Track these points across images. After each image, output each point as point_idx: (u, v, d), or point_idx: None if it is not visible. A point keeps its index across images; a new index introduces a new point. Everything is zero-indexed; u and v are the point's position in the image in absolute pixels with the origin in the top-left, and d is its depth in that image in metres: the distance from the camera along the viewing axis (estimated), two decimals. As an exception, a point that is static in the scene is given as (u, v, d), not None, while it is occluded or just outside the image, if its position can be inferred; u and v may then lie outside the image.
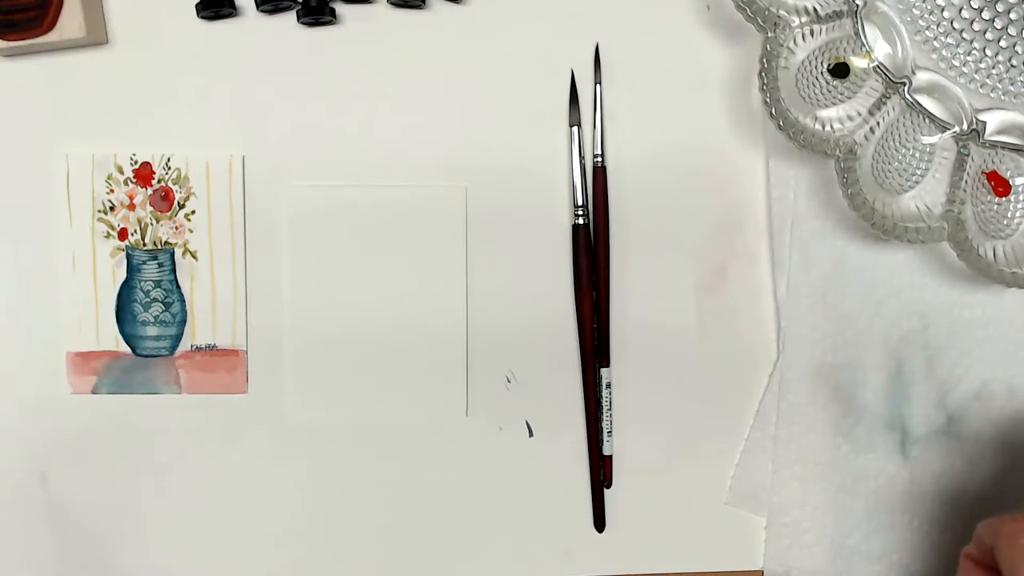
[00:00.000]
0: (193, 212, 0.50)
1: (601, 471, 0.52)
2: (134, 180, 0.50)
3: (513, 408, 0.52)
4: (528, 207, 0.51)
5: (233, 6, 0.49)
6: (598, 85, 0.50)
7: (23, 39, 0.47)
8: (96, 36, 0.48)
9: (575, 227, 0.50)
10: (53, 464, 0.51)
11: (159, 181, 0.50)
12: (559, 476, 0.52)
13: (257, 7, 0.49)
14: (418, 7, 0.50)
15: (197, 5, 0.49)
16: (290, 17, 0.49)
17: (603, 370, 0.51)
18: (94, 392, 0.51)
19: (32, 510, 0.51)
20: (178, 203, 0.50)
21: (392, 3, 0.49)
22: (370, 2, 0.50)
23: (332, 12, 0.49)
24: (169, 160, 0.50)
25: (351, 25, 0.50)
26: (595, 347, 0.51)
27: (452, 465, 0.52)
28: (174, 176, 0.50)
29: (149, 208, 0.50)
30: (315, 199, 0.50)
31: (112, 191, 0.50)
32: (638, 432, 0.52)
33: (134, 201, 0.50)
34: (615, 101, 0.51)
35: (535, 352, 0.51)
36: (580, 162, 0.50)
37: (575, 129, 0.50)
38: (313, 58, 0.50)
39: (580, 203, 0.50)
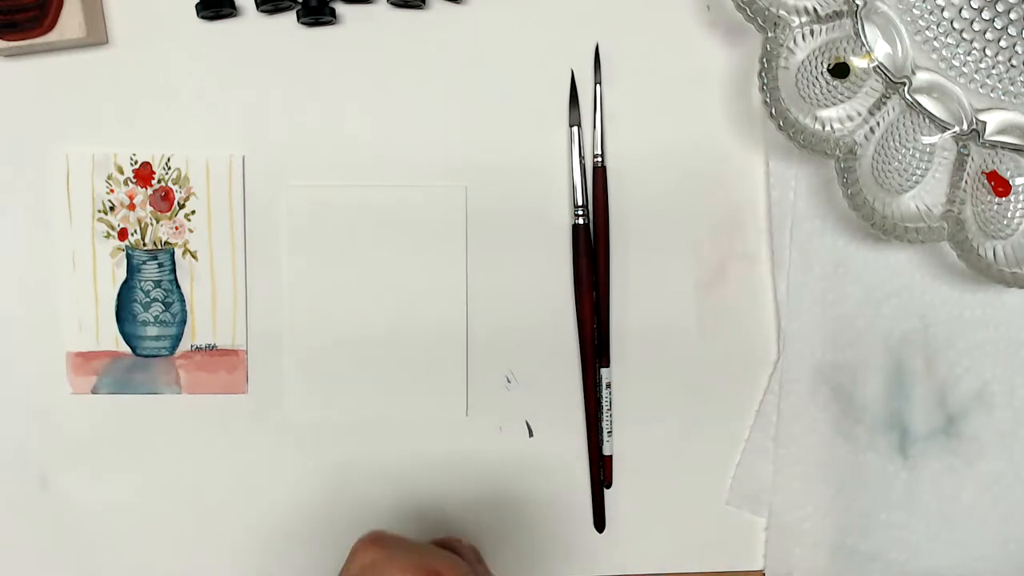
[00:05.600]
0: (193, 212, 0.50)
1: (601, 471, 0.52)
2: (134, 180, 0.50)
3: (513, 408, 0.52)
4: (528, 207, 0.51)
5: (233, 6, 0.49)
6: (598, 85, 0.50)
7: (23, 39, 0.47)
8: (96, 36, 0.48)
9: (575, 227, 0.50)
10: (53, 464, 0.51)
11: (159, 181, 0.50)
12: (559, 476, 0.52)
13: (257, 7, 0.49)
14: (418, 7, 0.50)
15: (197, 5, 0.49)
16: (290, 17, 0.49)
17: (603, 370, 0.51)
18: (94, 392, 0.51)
19: (32, 510, 0.51)
20: (178, 203, 0.50)
21: (392, 3, 0.49)
22: (370, 2, 0.50)
23: (332, 12, 0.49)
24: (169, 160, 0.50)
25: (351, 25, 0.50)
26: (595, 347, 0.51)
27: (452, 465, 0.52)
28: (174, 176, 0.50)
29: (149, 208, 0.50)
30: (315, 199, 0.50)
31: (112, 191, 0.50)
32: (638, 432, 0.52)
33: (134, 201, 0.50)
34: (615, 101, 0.51)
35: (535, 352, 0.51)
36: (580, 162, 0.50)
37: (575, 129, 0.50)
38: (313, 58, 0.50)
39: (580, 203, 0.50)
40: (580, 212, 0.50)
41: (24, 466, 0.51)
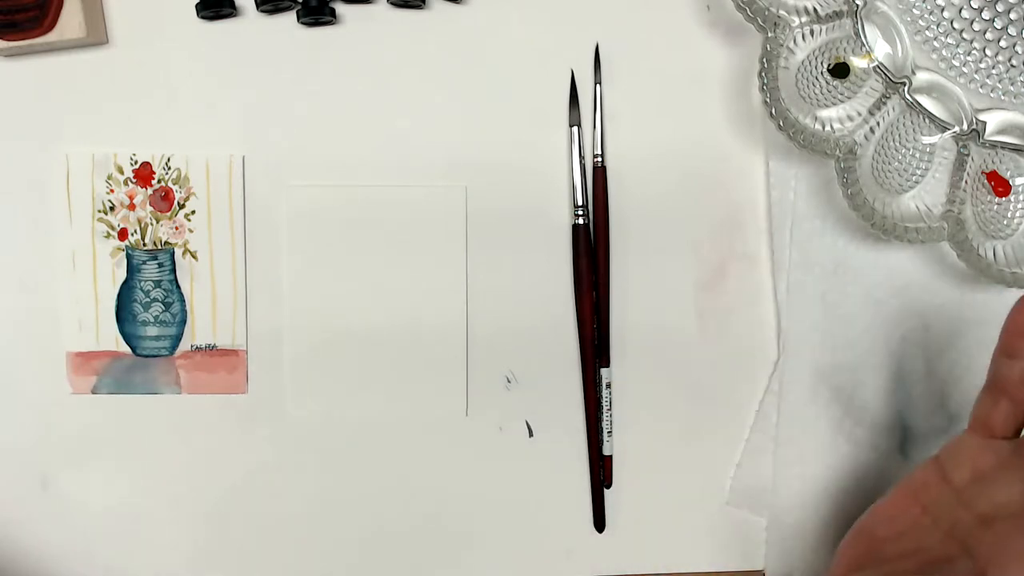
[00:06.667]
0: (193, 212, 0.50)
1: (601, 471, 0.52)
2: (134, 180, 0.50)
3: (513, 408, 0.52)
4: (528, 207, 0.51)
5: (233, 6, 0.49)
6: (598, 85, 0.50)
7: (23, 39, 0.47)
8: (96, 36, 0.48)
9: (575, 227, 0.50)
10: (53, 464, 0.51)
11: (159, 181, 0.50)
12: (559, 476, 0.52)
13: (257, 7, 0.49)
14: (418, 7, 0.50)
15: (197, 5, 0.49)
16: (290, 17, 0.49)
17: (603, 370, 0.51)
18: (94, 392, 0.51)
19: (33, 511, 0.51)
20: (178, 203, 0.50)
21: (392, 3, 0.49)
22: (370, 2, 0.50)
23: (332, 12, 0.49)
24: (169, 160, 0.50)
25: (351, 25, 0.50)
26: (595, 347, 0.51)
27: (452, 465, 0.52)
28: (174, 176, 0.50)
29: (149, 208, 0.50)
30: (315, 199, 0.50)
31: (112, 191, 0.50)
32: (638, 432, 0.52)
33: (134, 201, 0.50)
34: (615, 101, 0.51)
35: (535, 352, 0.51)
36: (580, 162, 0.50)
37: (575, 129, 0.50)
38: (313, 58, 0.50)
39: (580, 203, 0.50)
40: (580, 212, 0.50)
41: (24, 466, 0.51)
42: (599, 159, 0.50)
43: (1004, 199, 0.48)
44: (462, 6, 0.50)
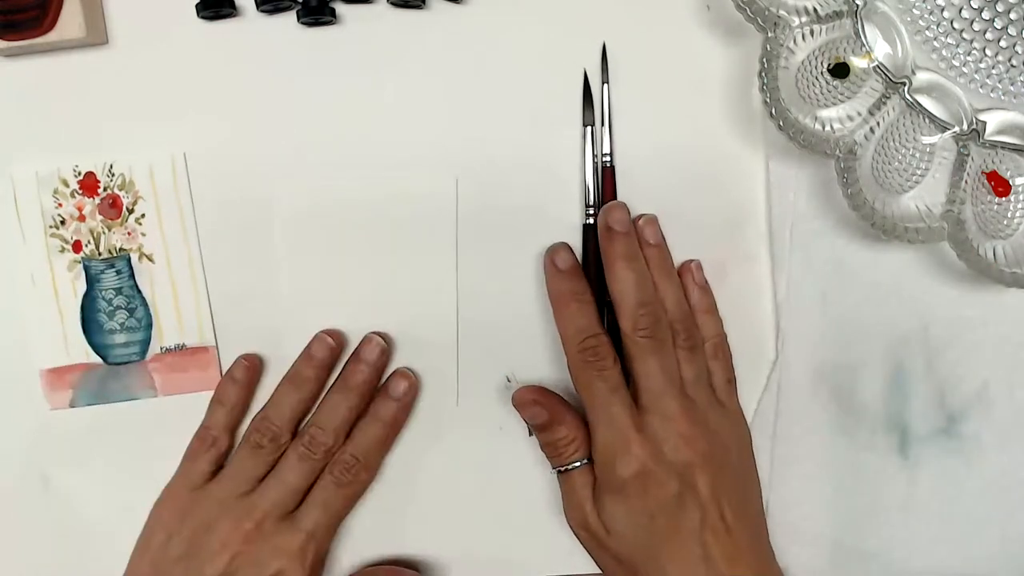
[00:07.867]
0: (143, 216, 0.50)
1: (602, 472, 0.52)
2: (81, 192, 0.49)
3: (513, 408, 0.51)
4: (535, 207, 0.51)
5: (233, 6, 0.49)
6: (605, 85, 0.50)
7: (23, 39, 0.46)
8: (96, 36, 0.48)
9: (586, 227, 0.50)
10: (40, 481, 0.51)
11: (105, 189, 0.49)
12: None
13: (257, 7, 0.49)
14: (418, 7, 0.50)
15: (197, 5, 0.49)
16: (290, 17, 0.49)
17: (604, 370, 0.51)
18: (72, 406, 0.50)
19: (27, 525, 0.51)
20: (127, 208, 0.50)
21: (392, 3, 0.49)
22: (370, 2, 0.50)
23: (332, 12, 0.49)
24: (112, 167, 0.49)
25: (351, 25, 0.50)
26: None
27: (451, 464, 0.52)
28: (119, 182, 0.49)
29: (99, 217, 0.50)
30: (315, 199, 0.50)
31: (61, 205, 0.49)
32: (639, 433, 0.52)
33: (83, 212, 0.49)
34: (615, 101, 0.51)
35: (536, 351, 0.51)
36: (593, 162, 0.50)
37: (589, 129, 0.50)
38: (313, 58, 0.50)
39: (592, 203, 0.50)
40: (592, 212, 0.50)
41: (13, 482, 0.51)
42: (607, 159, 0.50)
43: (1004, 199, 0.48)
44: (462, 6, 0.50)
